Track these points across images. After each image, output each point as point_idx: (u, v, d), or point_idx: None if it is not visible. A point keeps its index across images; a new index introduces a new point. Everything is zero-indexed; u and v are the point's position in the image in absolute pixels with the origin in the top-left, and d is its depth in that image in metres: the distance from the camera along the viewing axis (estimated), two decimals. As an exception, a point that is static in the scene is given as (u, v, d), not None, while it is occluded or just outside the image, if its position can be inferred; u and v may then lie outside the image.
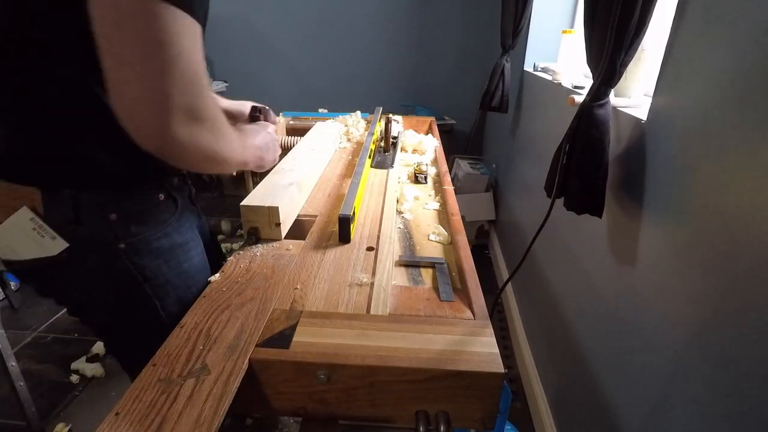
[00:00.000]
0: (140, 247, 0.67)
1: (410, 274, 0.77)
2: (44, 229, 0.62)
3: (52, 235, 0.62)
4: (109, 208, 0.63)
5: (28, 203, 0.61)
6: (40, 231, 0.62)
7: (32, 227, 0.62)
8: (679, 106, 0.77)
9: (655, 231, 0.83)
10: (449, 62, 2.94)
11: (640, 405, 0.86)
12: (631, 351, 0.90)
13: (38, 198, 0.61)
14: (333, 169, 1.25)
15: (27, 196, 0.61)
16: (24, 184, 0.61)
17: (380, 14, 2.85)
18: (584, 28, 0.91)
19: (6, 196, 0.62)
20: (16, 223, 0.62)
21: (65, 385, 1.58)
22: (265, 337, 0.59)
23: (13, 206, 0.61)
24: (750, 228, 0.59)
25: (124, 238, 0.65)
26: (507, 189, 2.33)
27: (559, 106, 1.45)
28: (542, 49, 2.04)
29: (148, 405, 0.47)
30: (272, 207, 0.82)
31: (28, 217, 0.61)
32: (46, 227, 0.62)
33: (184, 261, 0.73)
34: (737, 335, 0.61)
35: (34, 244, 0.62)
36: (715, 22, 0.69)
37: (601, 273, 1.06)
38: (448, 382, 0.55)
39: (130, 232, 0.65)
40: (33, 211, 0.62)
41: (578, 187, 0.93)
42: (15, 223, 0.62)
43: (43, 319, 1.92)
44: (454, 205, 1.02)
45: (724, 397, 0.63)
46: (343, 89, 3.09)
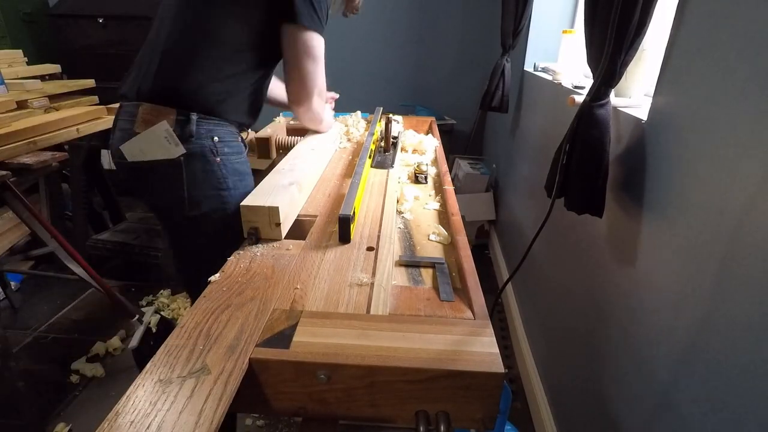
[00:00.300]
0: (228, 164, 0.97)
1: (410, 274, 0.77)
2: (173, 138, 0.90)
3: (176, 143, 0.90)
4: (215, 132, 0.94)
5: (166, 119, 0.90)
6: (170, 139, 0.90)
7: (164, 136, 0.89)
8: (679, 106, 0.77)
9: (655, 231, 0.83)
10: (449, 62, 2.94)
11: (640, 405, 0.86)
12: (631, 351, 0.90)
13: (173, 117, 0.90)
14: (333, 169, 1.25)
15: (166, 114, 0.90)
16: (169, 107, 0.90)
17: (380, 14, 2.85)
18: (584, 28, 0.91)
19: (150, 114, 0.90)
20: (154, 131, 0.89)
21: (65, 385, 1.58)
22: (265, 337, 0.59)
23: (153, 122, 0.90)
24: (750, 227, 0.59)
25: (220, 155, 0.96)
26: (507, 189, 2.33)
27: (560, 106, 1.45)
28: (542, 49, 2.04)
29: (148, 405, 0.47)
30: (272, 207, 0.82)
31: (164, 128, 0.89)
32: (174, 136, 0.90)
33: (248, 185, 1.02)
34: (737, 335, 0.61)
35: (162, 148, 0.90)
36: (716, 22, 0.69)
37: (601, 273, 1.06)
38: (448, 382, 0.55)
39: (224, 152, 0.96)
40: (168, 125, 0.89)
41: (578, 187, 0.93)
42: (154, 131, 0.89)
43: (43, 319, 1.92)
44: (454, 205, 1.02)
45: (724, 397, 0.63)
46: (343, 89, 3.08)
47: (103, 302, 1.96)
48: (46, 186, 2.00)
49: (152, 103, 0.91)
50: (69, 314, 1.97)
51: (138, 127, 0.91)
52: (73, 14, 2.65)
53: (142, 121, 0.91)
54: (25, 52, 2.14)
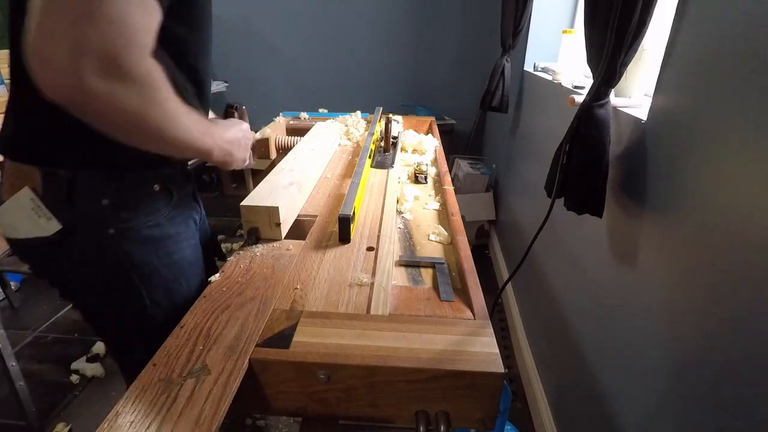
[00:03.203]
0: (130, 234, 0.67)
1: (410, 274, 0.77)
2: (41, 210, 0.64)
3: (48, 216, 0.64)
4: (101, 192, 0.65)
5: (30, 184, 0.63)
6: (38, 211, 0.64)
7: (31, 207, 0.64)
8: (679, 106, 0.77)
9: (655, 231, 0.83)
10: (449, 62, 2.94)
11: (640, 405, 0.86)
12: (631, 351, 0.90)
13: (38, 178, 0.63)
14: (333, 169, 1.25)
15: (29, 176, 0.63)
16: (26, 164, 0.63)
17: (380, 14, 2.85)
18: (584, 28, 0.91)
19: (14, 176, 0.64)
20: (17, 201, 0.64)
21: (65, 385, 1.58)
22: (265, 337, 0.59)
23: (18, 186, 0.64)
24: (750, 227, 0.59)
25: (114, 223, 0.66)
26: (507, 189, 2.33)
27: (560, 106, 1.45)
28: (542, 49, 2.04)
29: (148, 405, 0.47)
30: (272, 207, 0.82)
31: (29, 197, 0.64)
32: (43, 207, 0.64)
33: (175, 252, 0.73)
34: (738, 334, 0.61)
35: (32, 223, 0.65)
36: (716, 22, 0.69)
37: (601, 273, 1.06)
38: (448, 382, 0.55)
39: (121, 218, 0.66)
40: (33, 192, 0.64)
41: (578, 187, 0.93)
42: (17, 201, 0.64)
43: (43, 319, 1.92)
44: (454, 205, 1.02)
45: (725, 397, 0.63)
46: (343, 89, 3.09)
47: (103, 302, 1.95)
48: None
49: (13, 160, 0.64)
50: (69, 314, 1.97)
51: (5, 193, 0.65)
52: (73, 14, 2.64)
53: (9, 185, 0.65)
54: (25, 52, 2.13)
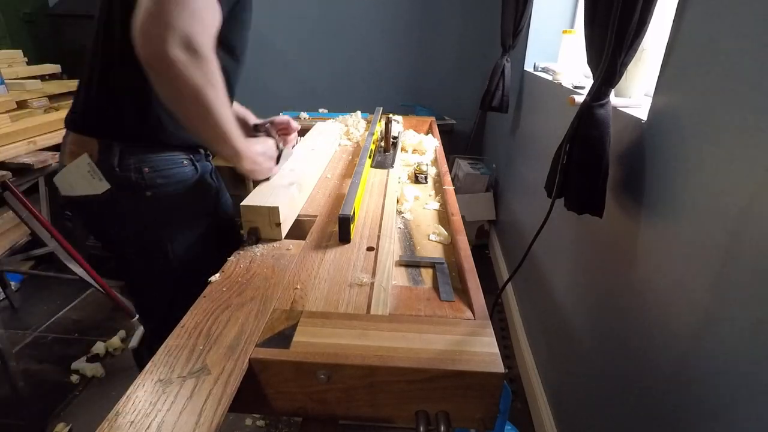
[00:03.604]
0: (163, 197, 0.84)
1: (410, 274, 0.77)
2: (96, 172, 0.81)
3: (100, 177, 0.81)
4: (144, 162, 0.81)
5: (88, 151, 0.80)
6: (93, 173, 0.81)
7: (87, 170, 0.81)
8: (679, 106, 0.77)
9: (655, 231, 0.83)
10: (449, 62, 2.94)
11: (639, 405, 0.86)
12: (631, 351, 0.90)
13: (96, 148, 0.80)
14: (333, 169, 1.25)
15: (88, 145, 0.80)
16: (89, 136, 0.80)
17: (380, 14, 2.85)
18: (584, 28, 0.91)
19: (74, 145, 0.82)
20: (77, 165, 0.81)
21: (65, 385, 1.58)
22: (265, 337, 0.59)
23: (78, 153, 0.81)
24: (750, 227, 0.59)
25: (152, 188, 0.82)
26: (507, 189, 2.33)
27: (560, 106, 1.45)
28: (542, 49, 2.04)
29: (148, 405, 0.47)
30: (272, 207, 0.82)
31: (86, 161, 0.80)
32: (97, 170, 0.80)
33: (196, 217, 0.90)
34: (738, 334, 0.61)
35: (87, 183, 0.81)
36: (716, 22, 0.69)
37: (601, 273, 1.06)
38: (448, 382, 0.55)
39: (157, 184, 0.83)
40: (90, 158, 0.80)
41: (578, 187, 0.93)
42: (77, 165, 0.81)
43: (43, 319, 1.92)
44: (454, 205, 1.02)
45: (724, 397, 0.63)
46: (343, 89, 3.09)
47: (103, 302, 1.96)
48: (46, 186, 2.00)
49: (77, 133, 0.82)
50: (69, 314, 1.97)
51: (66, 158, 0.83)
52: (73, 14, 2.65)
53: (69, 152, 0.82)
54: (25, 52, 2.14)
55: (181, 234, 0.87)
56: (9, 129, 1.49)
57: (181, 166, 0.85)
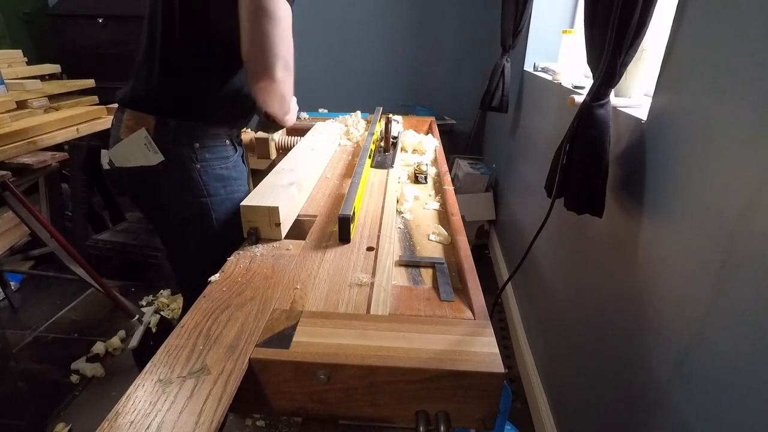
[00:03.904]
0: (209, 170, 0.93)
1: (410, 274, 0.77)
2: (152, 145, 0.89)
3: (155, 150, 0.89)
4: (195, 138, 0.91)
5: (146, 126, 0.88)
6: (149, 146, 0.89)
7: (144, 143, 0.89)
8: (679, 106, 0.77)
9: (655, 231, 0.83)
10: (449, 62, 2.93)
11: (640, 405, 0.86)
12: (631, 351, 0.90)
13: (152, 124, 0.88)
14: (333, 169, 1.25)
15: (145, 121, 0.89)
16: (147, 113, 0.89)
17: (380, 14, 2.85)
18: (584, 28, 0.91)
19: (132, 121, 0.90)
20: (135, 139, 0.89)
21: (65, 385, 1.58)
22: (265, 337, 0.59)
23: (135, 129, 0.89)
24: (750, 227, 0.59)
25: (200, 161, 0.92)
26: (507, 189, 2.33)
27: (560, 106, 1.45)
28: (542, 49, 2.04)
29: (148, 405, 0.47)
30: (272, 207, 0.82)
31: (143, 135, 0.88)
32: (153, 144, 0.89)
33: (235, 190, 0.98)
34: (738, 334, 0.61)
35: (143, 155, 0.90)
36: (715, 21, 0.69)
37: (601, 273, 1.06)
38: (448, 382, 0.55)
39: (205, 158, 0.92)
40: (147, 132, 0.88)
41: (578, 187, 0.93)
42: (134, 139, 0.89)
43: (43, 319, 1.92)
44: (454, 205, 1.02)
45: (724, 397, 0.63)
46: (343, 89, 3.09)
47: (103, 302, 1.96)
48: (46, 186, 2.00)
49: (134, 110, 0.90)
50: (69, 314, 1.97)
51: (123, 133, 0.91)
52: (73, 14, 2.64)
53: (126, 127, 0.91)
54: (25, 52, 2.14)
55: (222, 205, 0.96)
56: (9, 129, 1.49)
57: (224, 144, 0.96)
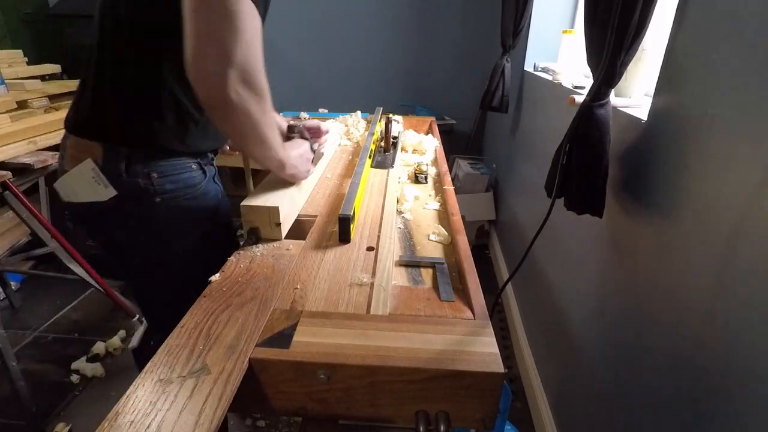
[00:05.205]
0: (171, 203, 0.81)
1: (410, 274, 0.77)
2: (100, 178, 0.77)
3: (105, 184, 0.77)
4: (152, 167, 0.78)
5: (92, 156, 0.76)
6: (97, 179, 0.77)
7: (92, 176, 0.77)
8: (679, 106, 0.77)
9: (655, 231, 0.83)
10: (449, 62, 2.93)
11: (639, 404, 0.86)
12: (631, 351, 0.90)
13: (100, 153, 0.76)
14: (333, 169, 1.25)
15: (91, 150, 0.76)
16: (93, 140, 0.76)
17: (380, 14, 2.85)
18: (584, 28, 0.91)
19: (76, 150, 0.78)
20: (81, 171, 0.77)
21: (65, 385, 1.58)
22: (265, 337, 0.59)
23: (80, 158, 0.77)
24: (750, 227, 0.59)
25: (161, 193, 0.80)
26: (507, 189, 2.33)
27: (560, 106, 1.45)
28: (542, 49, 2.04)
29: (148, 405, 0.47)
30: (272, 207, 0.82)
31: (90, 167, 0.76)
32: (102, 176, 0.77)
33: (205, 223, 0.88)
34: (738, 334, 0.61)
35: (91, 189, 0.77)
36: (716, 21, 0.69)
37: (602, 273, 1.06)
38: (448, 382, 0.55)
39: (165, 189, 0.80)
40: (94, 163, 0.76)
41: (578, 187, 0.93)
42: (80, 170, 0.77)
43: (43, 319, 1.92)
44: (454, 205, 1.02)
45: (724, 397, 0.63)
46: (343, 89, 3.09)
47: (103, 302, 1.95)
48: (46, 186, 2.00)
49: (78, 137, 0.78)
50: (69, 314, 1.97)
51: (67, 164, 0.79)
52: (73, 14, 2.64)
53: (70, 157, 0.78)
54: (25, 52, 2.14)
55: (188, 238, 0.86)
56: (9, 129, 1.49)
57: (189, 170, 0.84)
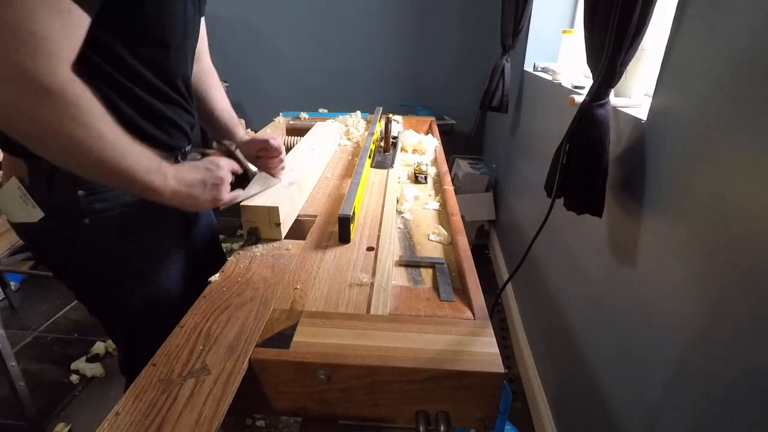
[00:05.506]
0: (104, 224, 0.69)
1: (410, 274, 0.77)
2: (27, 198, 0.68)
3: (33, 204, 0.67)
4: (77, 184, 0.66)
5: (18, 174, 0.66)
6: (25, 199, 0.68)
7: (19, 195, 0.68)
8: (679, 106, 0.77)
9: (655, 231, 0.83)
10: (449, 62, 2.93)
11: (640, 405, 0.86)
12: (631, 351, 0.90)
13: (25, 170, 0.66)
14: (333, 169, 1.25)
15: (18, 167, 0.66)
16: (16, 156, 0.65)
17: (380, 14, 2.85)
18: (584, 28, 0.91)
19: (6, 167, 0.68)
20: (8, 190, 0.69)
21: (65, 385, 1.58)
22: (265, 337, 0.59)
23: (7, 177, 0.68)
24: (749, 227, 0.59)
25: (90, 214, 0.68)
26: (507, 189, 2.33)
27: (559, 106, 1.45)
28: (542, 49, 2.04)
29: (148, 405, 0.47)
30: (272, 207, 0.82)
31: (16, 186, 0.67)
32: (28, 196, 0.67)
33: (151, 243, 0.75)
34: (738, 334, 0.61)
35: (22, 210, 0.69)
36: (715, 21, 0.69)
37: (601, 273, 1.06)
38: (448, 382, 0.55)
39: (95, 209, 0.68)
40: (21, 181, 0.67)
41: (578, 187, 0.93)
42: (7, 190, 0.69)
43: (43, 319, 1.92)
44: (454, 205, 1.02)
45: (724, 397, 0.63)
46: (343, 89, 3.09)
47: (103, 302, 1.95)
48: (46, 186, 2.00)
49: (6, 152, 0.67)
50: (69, 314, 1.97)
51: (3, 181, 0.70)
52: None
53: (5, 174, 0.69)
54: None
55: (130, 266, 0.73)
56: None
57: None
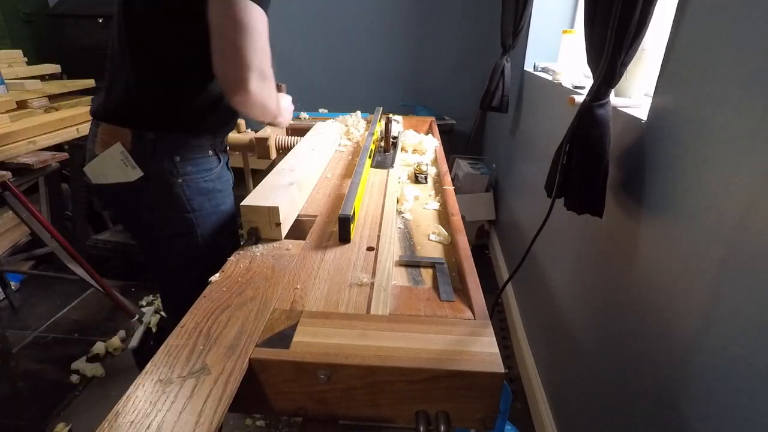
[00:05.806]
0: (192, 184, 0.90)
1: (410, 274, 0.77)
2: (129, 161, 0.85)
3: (133, 165, 0.85)
4: (175, 151, 0.87)
5: (121, 140, 0.85)
6: (126, 162, 0.85)
7: (121, 158, 0.85)
8: (679, 106, 0.77)
9: (655, 231, 0.83)
10: (449, 62, 2.93)
11: (640, 404, 0.86)
12: (631, 350, 0.90)
13: (129, 138, 0.85)
14: (333, 169, 1.25)
15: (121, 135, 0.85)
16: (123, 126, 0.85)
17: (380, 14, 2.85)
18: (584, 28, 0.91)
19: (107, 135, 0.86)
20: (110, 154, 0.85)
21: (65, 385, 1.58)
22: (265, 337, 0.59)
23: (110, 143, 0.86)
24: (749, 227, 0.59)
25: (182, 175, 0.88)
26: (507, 189, 2.33)
27: (560, 106, 1.45)
28: (542, 49, 2.04)
29: (148, 405, 0.47)
30: (272, 207, 0.82)
31: (120, 150, 0.85)
32: (130, 159, 0.85)
33: (221, 203, 0.96)
34: (737, 334, 0.61)
35: (120, 171, 0.86)
36: (715, 22, 0.69)
37: (601, 273, 1.06)
38: (448, 382, 0.55)
39: (187, 172, 0.89)
40: (123, 147, 0.85)
41: (578, 187, 0.93)
42: (110, 154, 0.85)
43: (43, 319, 1.92)
44: (454, 205, 1.02)
45: (725, 397, 0.63)
46: (343, 89, 3.09)
47: (103, 302, 1.96)
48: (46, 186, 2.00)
49: (108, 123, 0.86)
50: (69, 314, 1.97)
51: (98, 148, 0.88)
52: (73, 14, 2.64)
53: (101, 142, 0.87)
54: (25, 52, 2.14)
55: (208, 219, 0.94)
56: (9, 129, 1.49)
57: (206, 155, 0.92)
